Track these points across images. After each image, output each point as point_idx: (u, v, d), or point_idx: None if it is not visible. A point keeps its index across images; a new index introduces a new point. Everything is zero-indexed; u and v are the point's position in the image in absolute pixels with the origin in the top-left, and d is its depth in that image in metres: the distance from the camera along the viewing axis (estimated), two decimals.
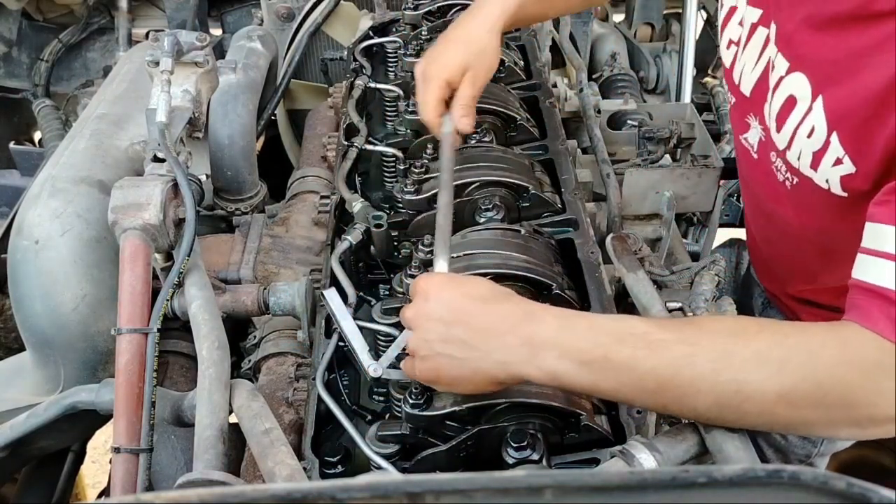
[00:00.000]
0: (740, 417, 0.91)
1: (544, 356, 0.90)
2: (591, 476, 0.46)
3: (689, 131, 1.97)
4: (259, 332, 1.42)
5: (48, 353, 1.28)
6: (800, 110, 1.10)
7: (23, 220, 1.27)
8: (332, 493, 0.43)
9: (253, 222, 1.61)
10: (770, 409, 0.89)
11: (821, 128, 1.07)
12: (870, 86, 0.99)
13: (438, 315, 0.94)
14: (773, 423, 0.94)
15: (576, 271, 1.26)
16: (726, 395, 0.89)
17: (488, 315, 0.93)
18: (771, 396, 0.88)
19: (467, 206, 1.32)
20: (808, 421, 0.92)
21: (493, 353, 0.92)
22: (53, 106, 2.82)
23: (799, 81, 1.10)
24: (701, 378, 0.88)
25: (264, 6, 2.38)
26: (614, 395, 0.95)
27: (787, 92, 1.13)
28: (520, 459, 0.96)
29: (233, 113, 1.70)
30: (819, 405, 0.89)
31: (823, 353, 0.89)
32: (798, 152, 1.12)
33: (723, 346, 0.90)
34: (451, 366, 0.93)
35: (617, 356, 0.89)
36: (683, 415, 0.96)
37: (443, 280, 0.99)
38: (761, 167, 1.25)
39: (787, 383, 0.88)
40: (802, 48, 1.11)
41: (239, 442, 1.09)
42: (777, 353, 0.90)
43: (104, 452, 2.43)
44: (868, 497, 0.43)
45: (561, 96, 1.94)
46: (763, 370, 0.88)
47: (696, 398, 0.89)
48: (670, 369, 0.89)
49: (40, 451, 1.29)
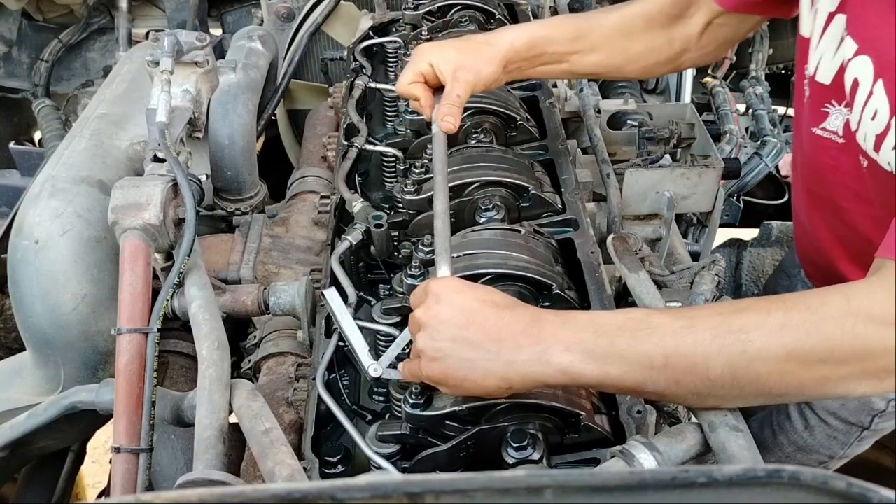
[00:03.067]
0: (755, 381, 0.90)
1: (551, 352, 0.91)
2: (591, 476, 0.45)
3: (689, 131, 1.97)
4: (259, 332, 1.42)
5: (48, 353, 1.28)
6: (863, 93, 1.12)
7: (23, 220, 1.27)
8: (332, 493, 0.43)
9: (253, 222, 1.61)
10: (781, 369, 0.88)
11: (884, 111, 1.08)
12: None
13: (451, 317, 0.95)
14: (789, 386, 0.91)
15: (576, 271, 1.26)
16: (734, 356, 0.88)
17: (500, 319, 0.94)
18: (779, 353, 0.88)
19: (467, 206, 1.32)
20: (822, 379, 0.90)
21: (504, 354, 0.92)
22: (53, 106, 2.82)
23: (863, 64, 1.12)
24: (704, 343, 0.89)
25: (264, 6, 2.38)
26: (624, 381, 0.93)
27: (853, 75, 1.14)
28: (520, 459, 0.96)
29: (233, 113, 1.70)
30: (829, 360, 0.88)
31: (825, 308, 0.89)
32: (864, 135, 1.13)
33: (719, 315, 0.91)
34: (460, 366, 0.94)
35: (620, 339, 0.91)
36: (701, 391, 0.93)
37: (456, 284, 1.00)
38: (849, 150, 1.24)
39: (790, 340, 0.87)
40: (869, 31, 1.12)
41: (239, 442, 1.09)
42: (776, 313, 0.90)
43: (104, 452, 2.43)
44: (868, 497, 0.43)
45: (561, 96, 1.94)
46: (764, 329, 0.88)
47: (707, 366, 0.89)
48: (673, 340, 0.90)
49: (40, 451, 1.29)
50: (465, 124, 1.49)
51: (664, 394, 0.96)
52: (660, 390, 0.94)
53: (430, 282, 1.01)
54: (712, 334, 0.89)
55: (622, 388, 0.97)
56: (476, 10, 1.91)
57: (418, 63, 1.34)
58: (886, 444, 1.86)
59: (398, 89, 1.36)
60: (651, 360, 0.90)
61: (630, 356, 0.91)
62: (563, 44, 1.38)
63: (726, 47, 1.49)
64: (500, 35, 1.39)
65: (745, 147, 2.84)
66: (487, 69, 1.32)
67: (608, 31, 1.40)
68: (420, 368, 0.97)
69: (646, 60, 1.42)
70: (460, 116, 1.31)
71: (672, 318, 0.92)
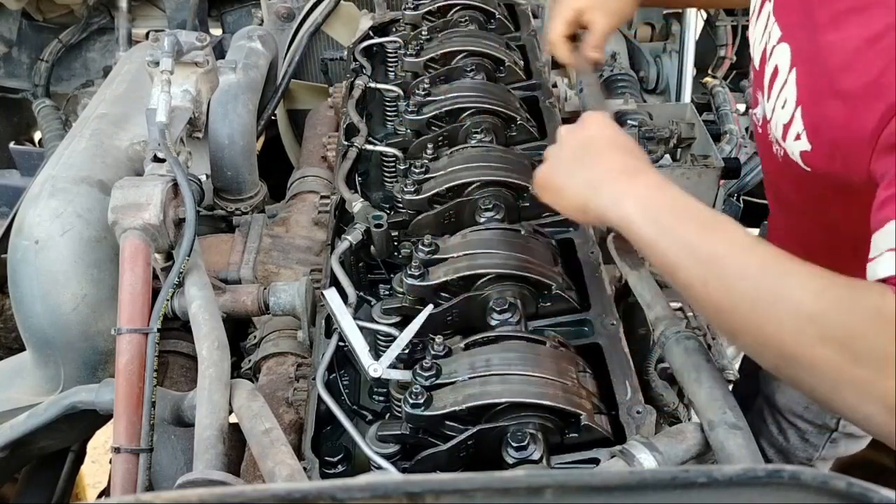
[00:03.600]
0: (770, 321, 0.87)
1: (627, 203, 0.99)
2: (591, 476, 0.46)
3: (689, 131, 1.97)
4: (259, 332, 1.42)
5: (48, 353, 1.28)
6: (780, 81, 1.13)
7: (23, 220, 1.27)
8: (332, 493, 0.43)
9: (253, 222, 1.61)
10: (802, 326, 0.85)
11: (791, 101, 1.09)
12: (829, 64, 1.00)
13: (584, 138, 1.09)
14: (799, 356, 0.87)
15: (576, 271, 1.26)
16: (765, 286, 0.88)
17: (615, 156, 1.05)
18: (806, 309, 0.85)
19: (467, 206, 1.32)
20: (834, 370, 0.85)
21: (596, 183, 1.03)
22: (53, 106, 2.82)
23: (784, 52, 1.13)
24: (749, 266, 0.90)
25: (264, 6, 2.38)
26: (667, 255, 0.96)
27: (774, 62, 1.15)
28: (520, 459, 0.96)
29: (233, 113, 1.70)
30: (845, 348, 0.83)
31: (864, 296, 0.86)
32: (776, 123, 1.15)
33: (778, 253, 0.91)
34: (562, 175, 1.08)
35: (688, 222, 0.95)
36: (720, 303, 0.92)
37: (603, 118, 1.12)
38: (763, 139, 1.26)
39: (822, 307, 0.85)
40: (791, 17, 1.13)
41: (239, 442, 1.09)
42: (821, 278, 0.88)
43: (104, 452, 2.43)
44: (868, 497, 0.43)
45: (561, 96, 1.94)
46: (804, 285, 0.87)
47: (740, 281, 0.89)
48: (729, 247, 0.92)
49: (40, 451, 1.29)
50: (465, 124, 1.49)
51: (690, 292, 0.96)
52: (688, 283, 0.95)
53: (587, 114, 1.14)
54: (761, 262, 0.90)
55: (663, 261, 0.98)
56: (476, 10, 1.91)
57: (563, 11, 1.53)
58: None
59: (552, 45, 1.55)
60: (700, 251, 0.93)
61: (683, 237, 0.94)
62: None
63: None
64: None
65: (745, 147, 2.84)
66: (623, 6, 1.54)
67: None
68: (540, 173, 1.13)
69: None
70: (604, 49, 1.55)
71: (739, 230, 0.94)
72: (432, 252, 1.20)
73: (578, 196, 1.05)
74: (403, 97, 1.64)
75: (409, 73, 1.74)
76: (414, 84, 1.63)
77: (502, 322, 1.12)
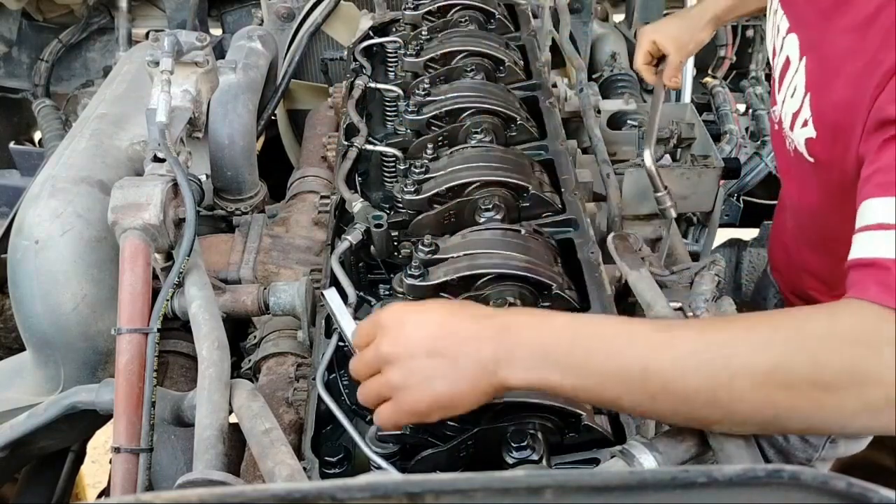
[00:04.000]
0: (738, 401, 0.84)
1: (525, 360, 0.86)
2: (591, 476, 0.46)
3: (689, 131, 1.97)
4: (259, 332, 1.42)
5: (48, 353, 1.28)
6: (791, 71, 1.13)
7: (23, 220, 1.27)
8: (332, 493, 0.43)
9: (253, 222, 1.61)
10: (765, 389, 0.82)
11: (800, 89, 1.10)
12: (834, 51, 1.01)
13: (422, 333, 0.88)
14: (777, 411, 0.84)
15: (576, 271, 1.26)
16: (713, 374, 0.83)
17: (475, 322, 0.89)
18: (761, 371, 0.82)
19: (467, 206, 1.32)
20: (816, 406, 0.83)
21: (486, 358, 0.87)
22: (53, 106, 2.82)
23: (793, 42, 1.14)
24: (683, 359, 0.84)
25: (264, 6, 2.38)
26: (603, 394, 0.88)
27: (785, 53, 1.16)
28: (520, 459, 0.96)
29: (233, 113, 1.70)
30: (817, 384, 0.81)
31: (810, 325, 0.84)
32: (785, 112, 1.15)
33: (700, 330, 0.87)
34: (449, 383, 0.87)
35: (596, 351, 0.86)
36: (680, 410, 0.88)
37: (405, 305, 0.94)
38: (779, 136, 1.26)
39: (774, 357, 0.82)
40: (798, 8, 1.13)
41: (239, 442, 1.09)
42: (761, 328, 0.85)
43: (104, 452, 2.43)
44: (868, 497, 0.43)
45: (561, 96, 1.94)
46: (748, 344, 0.83)
47: (685, 383, 0.83)
48: (651, 354, 0.85)
49: (40, 451, 1.29)
50: (465, 124, 1.49)
51: (642, 410, 0.91)
52: (636, 405, 0.89)
53: (375, 315, 0.94)
54: (692, 349, 0.84)
55: (599, 401, 0.92)
56: (476, 10, 1.91)
57: (644, 43, 1.77)
58: (886, 443, 1.86)
59: (635, 65, 1.83)
60: (629, 373, 0.85)
61: (606, 369, 0.86)
62: None
63: None
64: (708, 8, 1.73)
65: (745, 147, 2.84)
66: (699, 37, 1.73)
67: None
68: (401, 408, 0.89)
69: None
70: (680, 76, 1.78)
71: (651, 331, 0.88)
72: (432, 252, 1.20)
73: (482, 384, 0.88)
74: (403, 97, 1.64)
75: (409, 73, 1.74)
76: (414, 84, 1.63)
77: None
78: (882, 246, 0.85)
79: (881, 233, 0.86)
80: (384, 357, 0.89)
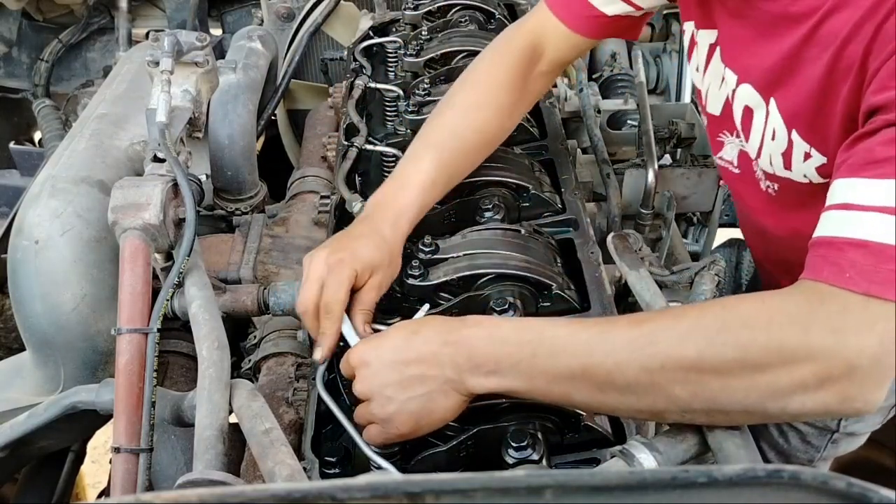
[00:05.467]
0: (673, 386, 0.87)
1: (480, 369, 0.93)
2: (591, 476, 0.45)
3: (689, 131, 1.97)
4: (259, 332, 1.42)
5: (48, 353, 1.28)
6: (760, 117, 1.12)
7: (23, 220, 1.27)
8: (332, 493, 0.43)
9: (253, 222, 1.61)
10: (697, 377, 0.85)
11: (781, 129, 1.08)
12: (810, 80, 1.00)
13: (386, 368, 0.96)
14: (713, 394, 0.87)
15: (576, 271, 1.26)
16: (645, 362, 0.86)
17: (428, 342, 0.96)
18: (689, 354, 0.85)
19: (467, 206, 1.32)
20: (748, 387, 0.85)
21: (449, 374, 0.94)
22: (53, 106, 2.82)
23: (747, 91, 1.13)
24: (616, 351, 0.88)
25: (264, 6, 2.38)
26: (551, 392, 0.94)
27: (742, 103, 1.15)
28: (520, 459, 0.96)
29: (233, 113, 1.70)
30: (746, 364, 0.84)
31: (737, 309, 0.87)
32: (769, 157, 1.13)
33: (635, 321, 0.91)
34: (422, 403, 0.95)
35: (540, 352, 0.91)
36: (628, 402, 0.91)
37: (369, 343, 1.01)
38: (745, 179, 1.26)
39: (699, 342, 0.85)
40: (743, 60, 1.13)
41: (239, 442, 1.09)
42: (688, 316, 0.88)
43: (104, 452, 2.43)
44: (868, 497, 0.43)
45: (561, 96, 1.94)
46: (674, 332, 0.87)
47: (623, 373, 0.88)
48: (587, 349, 0.90)
49: (40, 451, 1.29)
50: None
51: (594, 405, 0.96)
52: (586, 400, 0.94)
53: (347, 355, 1.02)
54: (625, 340, 0.88)
55: (552, 399, 0.97)
56: (476, 10, 1.91)
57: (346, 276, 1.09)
58: (886, 443, 1.86)
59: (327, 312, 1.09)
60: (571, 371, 0.90)
61: (550, 370, 0.91)
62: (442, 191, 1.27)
63: None
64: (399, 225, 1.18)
65: None
66: (395, 268, 1.18)
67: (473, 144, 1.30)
68: (389, 433, 0.97)
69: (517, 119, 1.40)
70: None
71: (591, 326, 0.92)
72: (432, 252, 1.20)
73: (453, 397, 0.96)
74: (403, 97, 1.64)
75: (409, 73, 1.74)
76: (414, 84, 1.63)
77: None
78: (835, 225, 0.87)
79: (838, 212, 0.87)
80: (362, 395, 0.99)
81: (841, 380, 0.82)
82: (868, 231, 0.83)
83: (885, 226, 0.82)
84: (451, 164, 1.25)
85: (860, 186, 0.86)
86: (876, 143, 0.86)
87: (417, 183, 1.21)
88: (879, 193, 0.83)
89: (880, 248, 0.82)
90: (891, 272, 0.81)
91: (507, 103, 1.32)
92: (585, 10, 1.29)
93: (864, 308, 0.81)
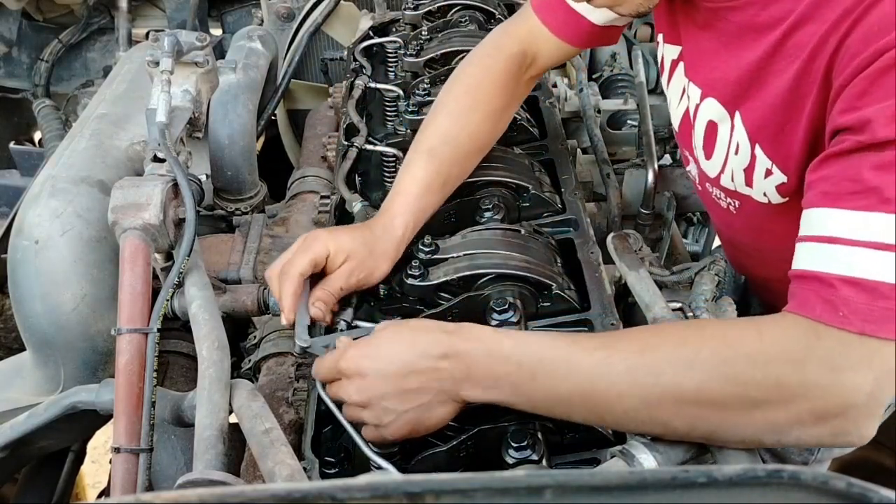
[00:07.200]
0: (671, 417, 0.88)
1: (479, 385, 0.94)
2: (591, 476, 0.45)
3: None
4: (259, 332, 1.42)
5: (48, 353, 1.28)
6: (724, 131, 1.11)
7: (23, 220, 1.27)
8: (332, 493, 0.43)
9: (253, 222, 1.61)
10: (696, 410, 0.86)
11: (744, 143, 1.07)
12: (775, 93, 1.00)
13: (385, 380, 0.95)
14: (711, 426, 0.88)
15: (576, 271, 1.26)
16: (646, 394, 0.87)
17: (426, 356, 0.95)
18: (688, 389, 0.85)
19: (467, 205, 1.32)
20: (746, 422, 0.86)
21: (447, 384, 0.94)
22: (53, 106, 2.82)
23: (712, 106, 1.12)
24: (618, 381, 0.88)
25: (264, 6, 2.38)
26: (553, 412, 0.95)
27: (706, 118, 1.14)
28: (520, 459, 0.96)
29: (233, 113, 1.70)
30: (745, 401, 0.85)
31: (736, 343, 0.87)
32: (731, 173, 1.13)
33: (637, 347, 0.90)
34: (421, 413, 0.95)
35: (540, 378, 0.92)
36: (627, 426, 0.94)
37: (362, 350, 0.99)
38: (706, 198, 1.27)
39: (698, 376, 0.85)
40: (707, 73, 1.12)
41: (239, 442, 1.09)
42: (688, 347, 0.87)
43: (104, 452, 2.43)
44: (868, 497, 0.43)
45: (561, 96, 1.94)
46: (673, 365, 0.86)
47: (622, 403, 0.89)
48: (588, 379, 0.90)
49: (40, 451, 1.29)
50: None
51: (595, 423, 0.97)
52: (586, 420, 0.95)
53: (334, 359, 1.00)
54: (625, 369, 0.88)
55: (551, 416, 0.97)
56: (476, 10, 1.91)
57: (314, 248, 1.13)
58: (886, 443, 1.86)
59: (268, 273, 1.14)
60: (570, 397, 0.91)
61: (551, 394, 0.92)
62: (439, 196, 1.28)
63: None
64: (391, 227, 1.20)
65: None
66: (380, 270, 1.18)
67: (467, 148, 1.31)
68: (384, 436, 0.97)
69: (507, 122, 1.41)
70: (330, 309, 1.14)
71: (593, 350, 0.91)
72: (432, 252, 1.20)
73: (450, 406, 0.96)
74: (403, 97, 1.64)
75: (409, 73, 1.74)
76: (414, 84, 1.63)
77: (502, 322, 1.12)
78: (824, 260, 0.85)
79: (826, 246, 0.86)
80: (356, 402, 0.97)
81: (837, 416, 0.84)
82: (861, 269, 0.82)
83: (877, 263, 0.81)
84: (445, 169, 1.27)
85: (847, 219, 0.84)
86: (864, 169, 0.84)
87: (411, 189, 1.24)
88: (869, 228, 0.82)
89: (874, 286, 0.81)
90: (886, 310, 0.80)
91: (499, 107, 1.34)
92: (574, 21, 1.31)
93: (859, 346, 0.82)
